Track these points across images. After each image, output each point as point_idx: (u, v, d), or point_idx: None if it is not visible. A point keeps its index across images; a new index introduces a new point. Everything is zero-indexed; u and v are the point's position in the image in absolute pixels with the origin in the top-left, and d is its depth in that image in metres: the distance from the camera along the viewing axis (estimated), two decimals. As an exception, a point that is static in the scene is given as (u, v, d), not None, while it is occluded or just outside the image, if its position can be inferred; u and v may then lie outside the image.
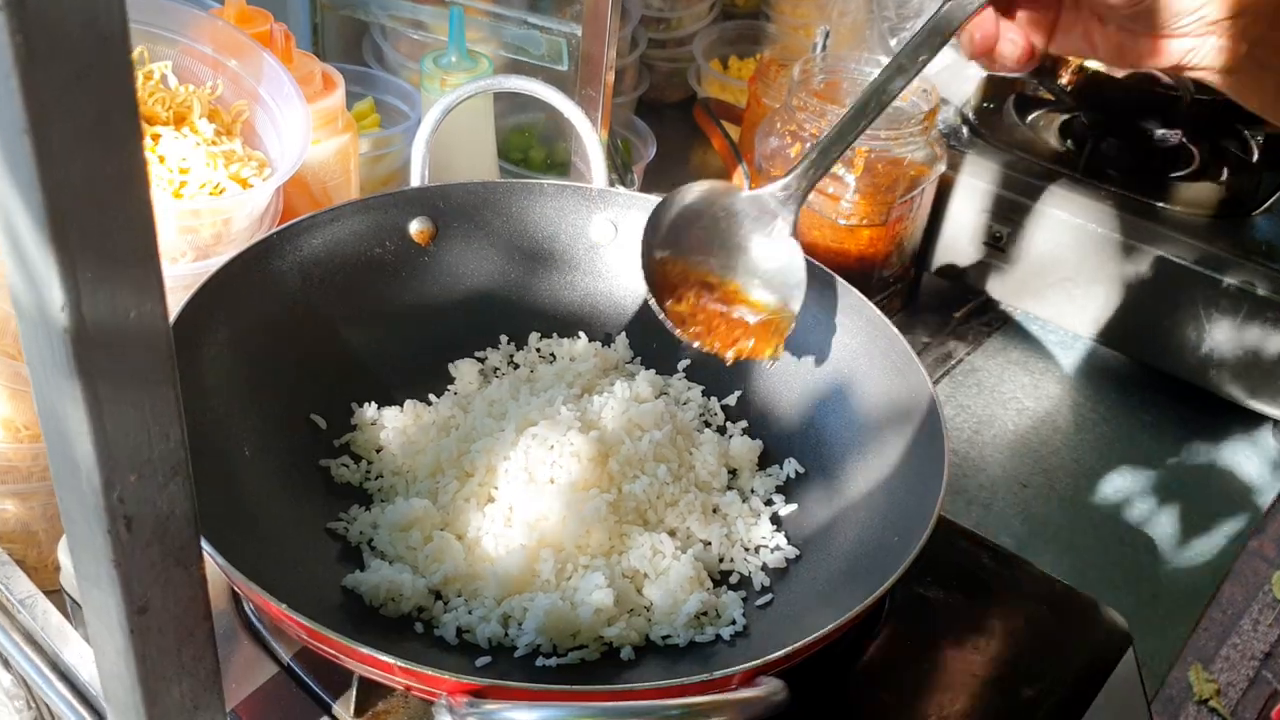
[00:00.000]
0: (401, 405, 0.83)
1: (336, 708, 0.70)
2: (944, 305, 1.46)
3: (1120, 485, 1.24)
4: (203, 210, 0.81)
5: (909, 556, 0.63)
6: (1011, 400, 1.33)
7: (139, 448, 0.49)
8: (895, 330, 0.82)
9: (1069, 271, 1.36)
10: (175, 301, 0.75)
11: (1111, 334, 1.36)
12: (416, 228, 0.89)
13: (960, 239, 1.43)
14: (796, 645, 0.57)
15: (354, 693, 0.68)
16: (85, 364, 0.44)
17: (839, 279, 0.86)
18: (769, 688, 0.54)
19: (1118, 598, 1.11)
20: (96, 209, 0.43)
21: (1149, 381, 1.37)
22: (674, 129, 1.62)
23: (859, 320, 0.84)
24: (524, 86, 0.92)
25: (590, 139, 0.93)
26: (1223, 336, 1.28)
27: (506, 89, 0.93)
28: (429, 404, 0.84)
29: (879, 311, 0.83)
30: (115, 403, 0.47)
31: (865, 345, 0.83)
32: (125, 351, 0.46)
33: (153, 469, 0.50)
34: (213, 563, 0.60)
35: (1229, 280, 1.26)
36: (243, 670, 0.73)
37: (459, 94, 0.90)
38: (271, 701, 0.71)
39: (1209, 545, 1.19)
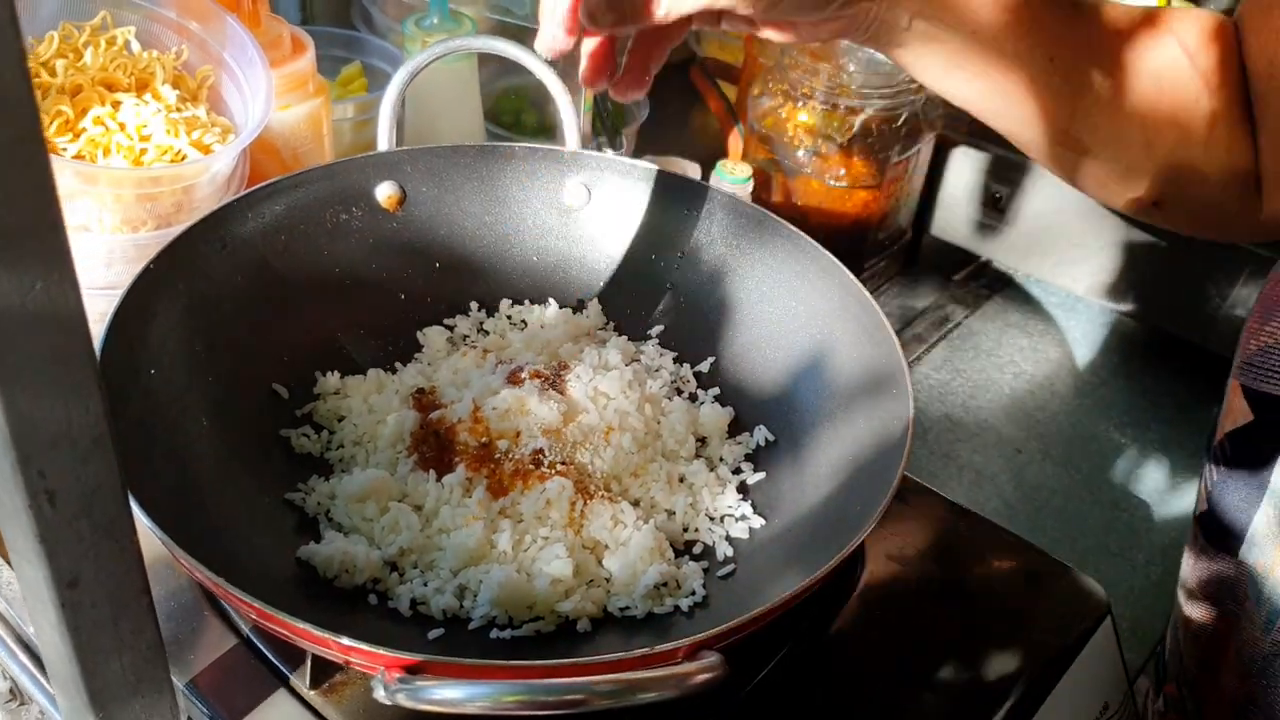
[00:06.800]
0: (366, 374, 0.82)
1: (294, 679, 0.69)
2: (943, 267, 1.44)
3: (1117, 451, 1.22)
4: (162, 177, 0.80)
5: (863, 530, 0.62)
6: (1009, 364, 1.31)
7: (56, 421, 0.48)
8: (868, 295, 0.79)
9: (1070, 232, 1.33)
10: (135, 270, 0.74)
11: (1113, 294, 1.33)
12: (384, 193, 0.87)
13: (959, 200, 1.40)
14: (728, 625, 0.56)
15: (309, 665, 0.68)
16: (-9, 338, 0.44)
17: (812, 241, 0.84)
18: (705, 663, 0.53)
19: (1112, 564, 1.09)
20: (-11, 177, 0.41)
21: (1151, 344, 1.34)
22: (672, 90, 1.59)
23: (832, 284, 0.82)
24: (493, 46, 0.90)
25: (562, 99, 0.91)
26: (1227, 296, 1.25)
27: (474, 49, 0.91)
28: (394, 373, 0.83)
29: (851, 275, 0.81)
30: (27, 376, 0.46)
31: (838, 310, 0.81)
32: (33, 324, 0.45)
33: (73, 443, 0.49)
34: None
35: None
36: (203, 641, 0.72)
37: (426, 56, 0.88)
38: (230, 673, 0.71)
39: (1208, 511, 1.17)
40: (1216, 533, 0.76)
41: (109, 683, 0.57)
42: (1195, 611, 0.80)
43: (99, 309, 0.82)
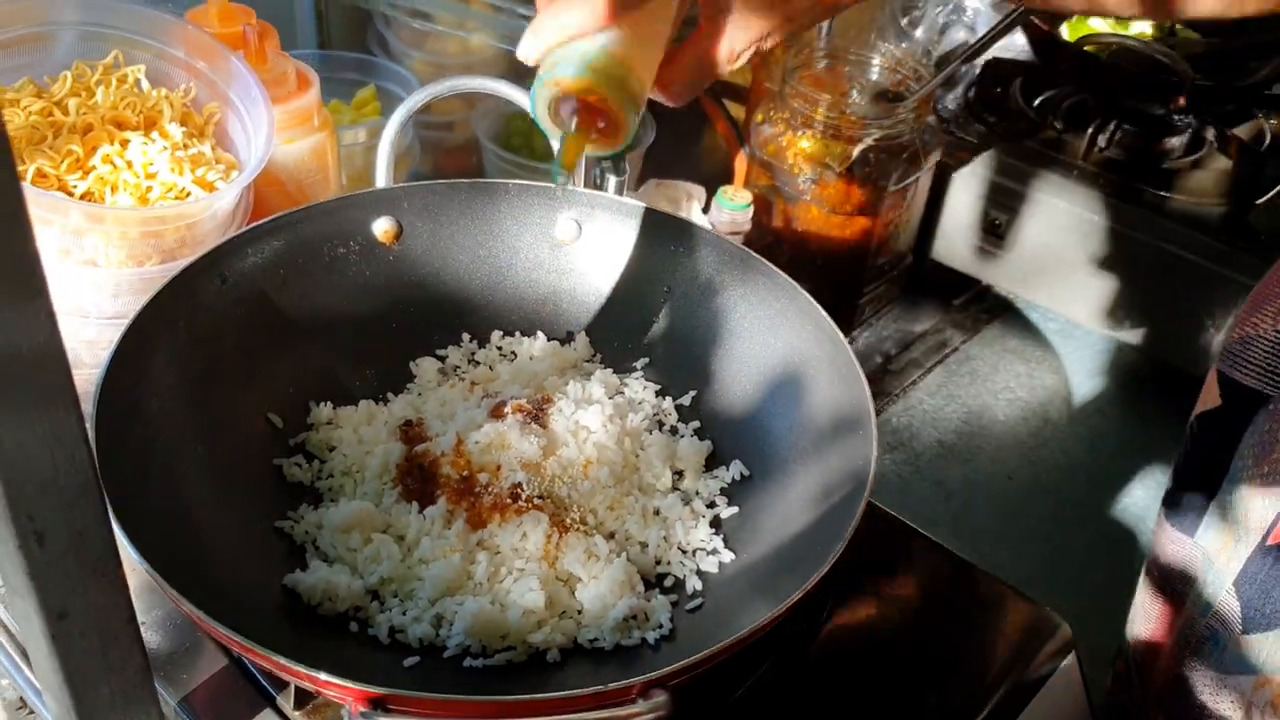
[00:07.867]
0: (357, 405, 0.85)
1: (280, 701, 0.73)
2: (944, 292, 1.45)
3: (1109, 480, 1.23)
4: (166, 216, 0.83)
5: (820, 570, 0.64)
6: (1004, 390, 1.32)
7: (42, 469, 0.51)
8: (841, 336, 0.82)
9: (1070, 258, 1.35)
10: (142, 301, 0.78)
11: (1112, 322, 1.34)
12: (381, 228, 0.91)
13: (960, 226, 1.42)
14: (679, 664, 0.58)
15: (293, 688, 0.71)
16: (-21, 393, 0.47)
17: (791, 281, 0.86)
18: (651, 704, 0.56)
19: (1097, 596, 1.10)
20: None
21: (1148, 373, 1.35)
22: (681, 112, 1.61)
23: (808, 323, 0.84)
24: (488, 87, 0.93)
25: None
26: (1223, 327, 1.26)
27: (467, 90, 0.94)
28: (386, 403, 0.87)
29: (826, 315, 0.83)
30: (14, 428, 0.49)
31: (814, 349, 0.84)
32: (19, 381, 0.48)
33: (59, 489, 0.52)
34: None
35: (1229, 271, 1.24)
36: (196, 660, 0.76)
37: (421, 96, 0.91)
38: (220, 693, 0.74)
39: (1197, 541, 1.18)
40: (1178, 513, 0.78)
41: (98, 705, 0.60)
42: (1151, 589, 0.83)
43: (107, 337, 0.86)
